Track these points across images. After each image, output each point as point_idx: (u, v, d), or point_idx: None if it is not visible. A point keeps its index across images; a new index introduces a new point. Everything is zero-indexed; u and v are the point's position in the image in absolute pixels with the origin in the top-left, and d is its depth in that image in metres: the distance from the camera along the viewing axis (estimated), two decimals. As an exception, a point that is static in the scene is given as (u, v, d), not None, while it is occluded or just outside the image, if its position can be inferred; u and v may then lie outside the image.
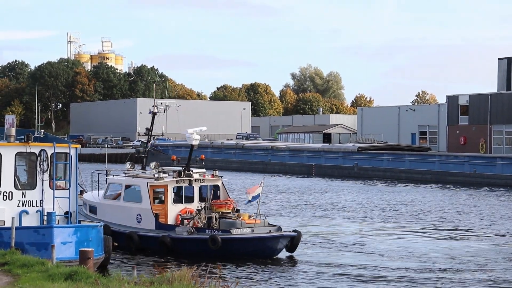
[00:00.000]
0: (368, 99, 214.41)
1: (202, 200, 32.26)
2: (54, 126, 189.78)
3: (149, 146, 35.59)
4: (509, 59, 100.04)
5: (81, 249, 21.82)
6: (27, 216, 26.11)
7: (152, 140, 36.22)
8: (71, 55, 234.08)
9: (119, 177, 33.71)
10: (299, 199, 57.36)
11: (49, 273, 19.04)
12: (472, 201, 57.02)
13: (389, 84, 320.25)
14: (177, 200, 32.17)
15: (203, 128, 33.87)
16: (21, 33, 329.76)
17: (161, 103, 35.93)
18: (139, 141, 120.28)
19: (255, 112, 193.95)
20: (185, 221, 30.97)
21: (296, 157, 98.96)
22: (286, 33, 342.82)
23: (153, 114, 34.83)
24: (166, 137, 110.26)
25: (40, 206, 26.33)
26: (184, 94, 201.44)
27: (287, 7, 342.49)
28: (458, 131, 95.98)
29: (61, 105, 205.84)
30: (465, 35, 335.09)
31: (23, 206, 26.21)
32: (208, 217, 30.87)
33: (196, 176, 32.28)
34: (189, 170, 32.33)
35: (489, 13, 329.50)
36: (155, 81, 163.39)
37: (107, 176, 34.48)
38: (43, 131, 28.35)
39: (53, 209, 26.11)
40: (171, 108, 36.81)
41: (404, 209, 50.93)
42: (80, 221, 27.81)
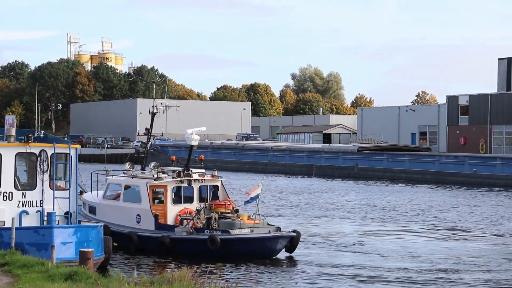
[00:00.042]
0: (368, 99, 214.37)
1: (202, 200, 32.24)
2: (54, 126, 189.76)
3: (149, 146, 35.58)
4: (509, 59, 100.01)
5: (81, 249, 21.81)
6: (27, 216, 26.10)
7: (152, 140, 36.22)
8: (71, 55, 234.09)
9: (118, 177, 33.69)
10: (299, 199, 57.34)
11: (49, 273, 19.04)
12: (472, 202, 57.00)
13: (389, 84, 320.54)
14: (177, 200, 32.15)
15: (202, 128, 33.86)
16: (21, 33, 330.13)
17: (161, 103, 35.92)
18: (139, 141, 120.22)
19: (255, 113, 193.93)
20: (184, 221, 30.94)
21: (296, 158, 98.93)
22: (286, 33, 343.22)
23: (152, 115, 34.83)
24: (166, 138, 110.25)
25: (40, 206, 26.32)
26: (184, 94, 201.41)
27: (287, 7, 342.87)
28: (458, 132, 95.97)
29: (61, 105, 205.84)
30: (465, 35, 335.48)
31: (23, 206, 26.20)
32: (208, 218, 30.85)
33: (195, 176, 32.25)
34: (188, 171, 32.30)
35: (489, 13, 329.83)
36: (154, 82, 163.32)
37: (106, 176, 34.48)
38: (43, 131, 28.33)
39: (53, 210, 26.11)
40: (171, 109, 36.81)
41: (404, 209, 50.90)
42: (80, 221, 27.80)
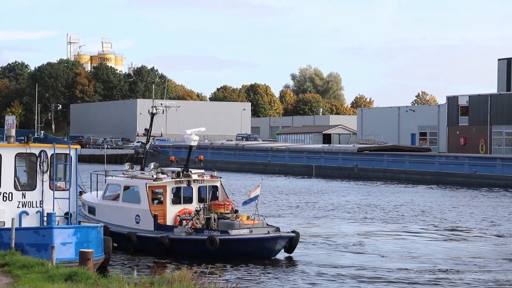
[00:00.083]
0: (368, 99, 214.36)
1: (201, 200, 32.21)
2: (54, 127, 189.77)
3: (148, 147, 35.57)
4: (509, 60, 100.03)
5: (81, 250, 21.81)
6: (27, 217, 26.10)
7: (152, 141, 36.22)
8: (71, 56, 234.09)
9: (118, 178, 33.69)
10: (299, 200, 57.32)
11: (49, 274, 19.03)
12: (472, 202, 56.99)
13: (389, 85, 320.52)
14: (176, 201, 32.15)
15: (201, 129, 33.85)
16: (21, 33, 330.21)
17: (161, 104, 35.92)
18: (139, 141, 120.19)
19: (255, 113, 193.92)
20: (183, 221, 30.94)
21: (296, 158, 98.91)
22: (286, 33, 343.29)
23: (152, 115, 34.82)
24: (166, 138, 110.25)
25: (40, 207, 26.32)
26: (184, 95, 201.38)
27: (287, 7, 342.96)
28: (458, 132, 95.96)
29: (61, 106, 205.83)
30: (465, 35, 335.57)
31: (23, 207, 26.20)
32: (207, 218, 30.85)
33: (194, 177, 32.24)
34: (187, 171, 32.30)
35: (489, 13, 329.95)
36: (154, 82, 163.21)
37: (106, 177, 34.48)
38: (43, 132, 28.30)
39: (53, 210, 26.11)
40: (171, 109, 36.81)
41: (404, 210, 50.89)
42: (79, 222, 27.80)
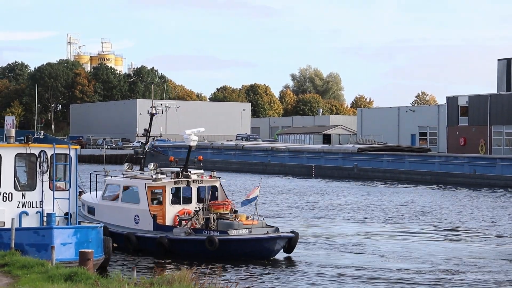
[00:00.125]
0: (368, 100, 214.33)
1: (200, 201, 32.19)
2: (53, 127, 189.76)
3: (148, 147, 35.56)
4: (509, 60, 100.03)
5: (81, 250, 21.80)
6: (27, 217, 26.08)
7: (152, 141, 36.22)
8: (70, 56, 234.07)
9: (117, 178, 33.68)
10: (299, 200, 57.31)
11: (48, 274, 19.02)
12: (472, 202, 56.98)
13: (389, 85, 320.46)
14: (175, 201, 32.14)
15: (201, 129, 33.85)
16: (21, 33, 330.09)
17: (160, 104, 35.91)
18: (138, 142, 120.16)
19: (255, 113, 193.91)
20: (183, 222, 30.93)
21: (296, 158, 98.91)
22: (286, 33, 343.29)
23: (151, 115, 34.81)
24: (166, 138, 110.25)
25: (40, 207, 26.31)
26: (184, 95, 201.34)
27: (287, 7, 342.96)
28: (457, 132, 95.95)
29: (60, 106, 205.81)
30: (465, 35, 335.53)
31: (23, 207, 26.19)
32: (206, 218, 30.85)
33: (194, 177, 32.23)
34: (187, 171, 32.30)
35: (489, 13, 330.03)
36: (153, 82, 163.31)
37: (105, 177, 34.48)
38: (42, 132, 28.28)
39: (53, 210, 26.10)
40: (171, 109, 36.81)
41: (404, 210, 50.88)
42: (79, 222, 27.79)
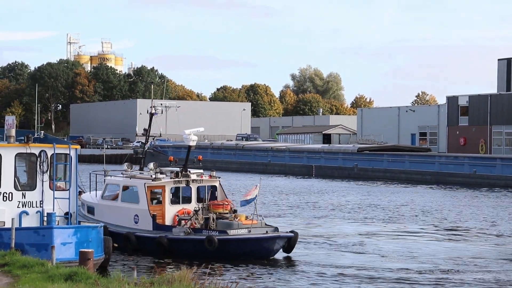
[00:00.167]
0: (368, 99, 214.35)
1: (200, 200, 32.19)
2: (54, 127, 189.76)
3: (148, 147, 35.56)
4: (509, 60, 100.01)
5: (81, 250, 21.80)
6: (27, 217, 26.08)
7: (152, 141, 36.21)
8: (71, 56, 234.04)
9: (116, 178, 33.70)
10: (299, 199, 57.31)
11: (49, 274, 19.02)
12: (472, 202, 56.98)
13: (389, 85, 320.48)
14: (175, 200, 32.15)
15: (200, 129, 33.85)
16: (21, 33, 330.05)
17: (160, 104, 35.91)
18: (139, 141, 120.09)
19: (255, 113, 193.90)
20: (182, 221, 30.94)
21: (296, 158, 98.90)
22: (286, 33, 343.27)
23: (151, 115, 34.81)
24: (166, 138, 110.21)
25: (40, 207, 26.30)
26: (184, 95, 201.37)
27: (287, 7, 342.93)
28: (458, 132, 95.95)
29: (61, 106, 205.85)
30: (465, 35, 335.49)
31: (23, 207, 26.19)
32: (206, 218, 30.84)
33: (193, 176, 32.24)
34: (186, 171, 32.31)
35: (489, 13, 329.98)
36: (153, 82, 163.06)
37: (105, 176, 34.49)
38: (43, 132, 28.29)
39: (53, 210, 26.09)
40: (171, 109, 36.82)
41: (404, 210, 50.88)
42: (79, 222, 27.80)
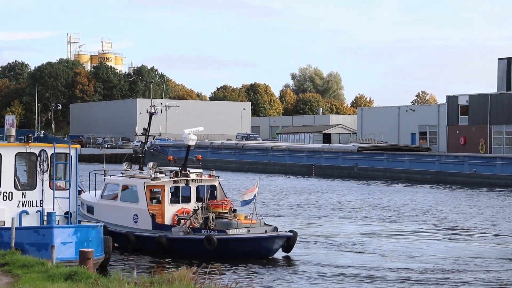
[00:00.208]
0: (368, 99, 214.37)
1: (199, 200, 32.20)
2: (54, 126, 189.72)
3: (147, 146, 35.57)
4: (509, 59, 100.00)
5: (81, 249, 21.80)
6: (27, 216, 26.08)
7: (152, 140, 36.21)
8: (71, 55, 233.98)
9: (116, 177, 33.71)
10: (299, 199, 57.30)
11: (49, 273, 19.02)
12: (472, 202, 56.99)
13: (389, 85, 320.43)
14: (174, 200, 32.15)
15: (199, 128, 33.85)
16: (21, 33, 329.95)
17: (160, 103, 35.92)
18: (139, 141, 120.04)
19: (255, 113, 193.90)
20: (181, 221, 30.94)
21: (296, 158, 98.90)
22: (286, 33, 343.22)
23: (150, 115, 34.83)
24: (166, 138, 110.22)
25: (40, 206, 26.30)
26: (184, 94, 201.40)
27: (287, 7, 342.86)
28: (458, 131, 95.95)
29: (61, 105, 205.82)
30: (465, 35, 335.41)
31: (23, 206, 26.18)
32: (205, 217, 30.84)
33: (193, 176, 32.25)
34: (186, 170, 32.32)
35: (489, 13, 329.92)
36: (152, 82, 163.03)
37: (104, 176, 34.50)
38: (43, 131, 28.31)
39: (53, 210, 26.09)
40: (171, 109, 36.84)
41: (404, 209, 50.88)
42: (79, 221, 27.80)
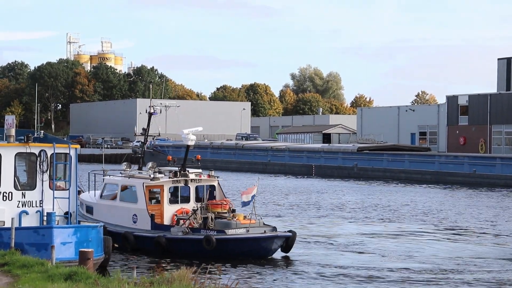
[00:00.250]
0: (368, 99, 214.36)
1: (198, 200, 32.19)
2: (53, 126, 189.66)
3: (147, 146, 35.56)
4: (509, 59, 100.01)
5: (80, 249, 21.80)
6: (27, 216, 26.08)
7: (151, 140, 36.22)
8: (70, 55, 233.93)
9: (115, 177, 33.71)
10: (298, 199, 57.30)
11: (48, 273, 19.02)
12: (472, 202, 57.00)
13: (389, 85, 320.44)
14: (173, 200, 32.15)
15: (199, 128, 33.86)
16: (21, 33, 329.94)
17: (160, 103, 35.96)
18: (138, 141, 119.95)
19: (255, 113, 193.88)
20: (180, 221, 30.94)
21: (296, 158, 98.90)
22: (286, 33, 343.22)
23: (149, 115, 34.83)
24: (165, 138, 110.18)
25: (40, 206, 26.30)
26: (183, 94, 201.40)
27: (287, 7, 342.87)
28: (457, 131, 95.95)
29: (60, 105, 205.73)
30: (465, 35, 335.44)
31: (23, 206, 26.18)
32: (204, 217, 30.85)
33: (192, 176, 32.26)
34: (185, 170, 32.32)
35: (489, 13, 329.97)
36: (151, 82, 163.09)
37: (104, 176, 34.51)
38: (42, 131, 28.29)
39: (53, 210, 26.09)
40: (171, 109, 36.90)
41: (404, 209, 50.88)
42: (79, 221, 27.79)
